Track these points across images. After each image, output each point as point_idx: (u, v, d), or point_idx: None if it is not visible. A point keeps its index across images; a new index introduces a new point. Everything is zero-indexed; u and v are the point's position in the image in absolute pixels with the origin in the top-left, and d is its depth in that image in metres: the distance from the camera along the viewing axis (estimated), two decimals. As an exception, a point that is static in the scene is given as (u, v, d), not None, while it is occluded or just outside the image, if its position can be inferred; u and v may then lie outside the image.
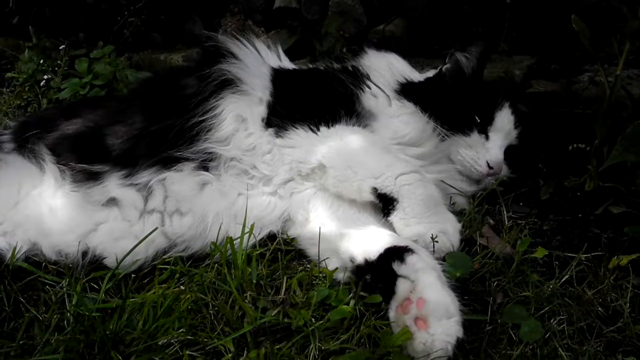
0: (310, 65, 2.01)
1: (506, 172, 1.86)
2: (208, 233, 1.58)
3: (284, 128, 1.64)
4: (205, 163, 1.63)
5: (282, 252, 1.57)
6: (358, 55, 1.89)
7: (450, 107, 1.77)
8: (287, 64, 1.94)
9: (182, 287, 1.44)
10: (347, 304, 1.37)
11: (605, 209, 1.70)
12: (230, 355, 1.27)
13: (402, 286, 1.29)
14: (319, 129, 1.62)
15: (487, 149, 1.77)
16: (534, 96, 1.94)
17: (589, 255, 1.55)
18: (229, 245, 1.48)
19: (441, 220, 1.51)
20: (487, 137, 1.80)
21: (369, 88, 1.77)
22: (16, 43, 2.94)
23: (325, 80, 1.77)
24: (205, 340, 1.31)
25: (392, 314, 1.28)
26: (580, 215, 1.72)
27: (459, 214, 1.65)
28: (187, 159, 1.62)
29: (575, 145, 1.71)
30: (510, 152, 1.86)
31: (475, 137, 1.77)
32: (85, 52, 2.70)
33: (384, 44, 2.06)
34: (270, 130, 1.65)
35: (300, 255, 1.58)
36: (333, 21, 2.29)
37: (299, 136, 1.62)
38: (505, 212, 1.65)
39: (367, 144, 1.60)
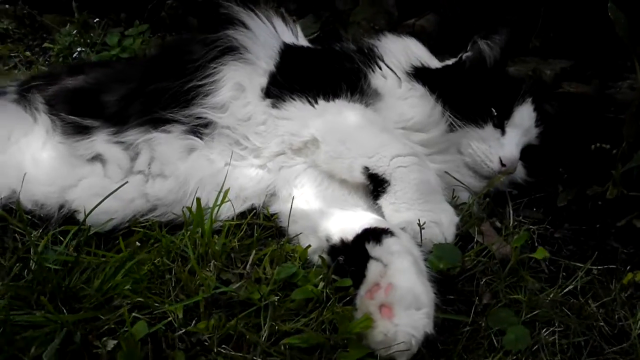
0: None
1: (522, 174, 1.64)
2: (188, 199, 1.44)
3: (282, 99, 1.49)
4: (197, 128, 1.51)
5: (260, 226, 1.41)
6: (375, 37, 1.72)
7: (464, 96, 1.58)
8: (303, 42, 1.79)
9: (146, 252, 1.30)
10: (317, 285, 1.20)
11: (628, 222, 1.46)
12: (177, 323, 1.12)
13: (373, 269, 1.12)
14: (317, 102, 1.46)
15: (502, 145, 1.57)
16: (563, 96, 1.71)
17: (601, 267, 1.32)
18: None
19: (436, 210, 1.32)
20: (503, 132, 1.59)
21: (380, 68, 1.60)
22: (63, 19, 2.93)
23: (333, 57, 1.63)
24: (156, 305, 1.16)
25: (358, 299, 1.10)
26: (598, 226, 1.48)
27: (462, 210, 1.44)
28: (177, 122, 1.50)
29: (598, 144, 1.48)
30: (528, 153, 1.64)
31: (489, 130, 1.57)
32: (123, 30, 2.66)
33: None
34: (268, 100, 1.51)
35: (281, 232, 1.42)
36: (362, 11, 2.14)
37: (296, 108, 1.47)
38: (511, 213, 1.43)
39: (365, 122, 1.43)
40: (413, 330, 1.00)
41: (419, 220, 1.25)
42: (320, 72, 1.54)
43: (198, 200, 1.30)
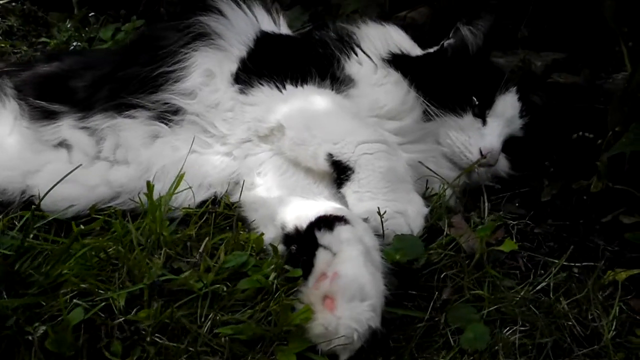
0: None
1: (505, 167, 1.53)
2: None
3: (250, 84, 1.42)
4: (164, 115, 1.44)
5: (220, 215, 1.33)
6: (355, 24, 1.63)
7: (443, 84, 1.48)
8: (285, 31, 1.72)
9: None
10: (268, 276, 1.11)
11: (614, 217, 1.34)
12: (117, 311, 1.04)
13: (321, 258, 1.03)
14: (284, 87, 1.39)
15: (482, 135, 1.46)
16: (552, 87, 1.60)
17: (580, 265, 1.20)
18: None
19: (402, 200, 1.23)
20: (484, 122, 1.49)
21: (356, 55, 1.51)
22: (66, 16, 2.91)
23: (307, 44, 1.55)
24: (100, 292, 1.09)
25: (303, 289, 1.00)
26: (581, 222, 1.36)
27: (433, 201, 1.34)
28: (143, 107, 1.44)
29: (580, 133, 1.36)
30: (513, 145, 1.53)
31: (469, 119, 1.47)
32: (120, 25, 2.62)
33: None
34: (237, 86, 1.44)
35: (243, 222, 1.33)
36: (353, 3, 2.06)
37: (263, 93, 1.40)
38: (487, 206, 1.33)
39: (334, 108, 1.35)
40: (355, 324, 0.91)
41: (378, 209, 1.15)
42: (291, 57, 1.46)
43: (149, 185, 1.22)
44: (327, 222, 1.09)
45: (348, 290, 0.93)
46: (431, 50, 1.61)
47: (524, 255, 1.28)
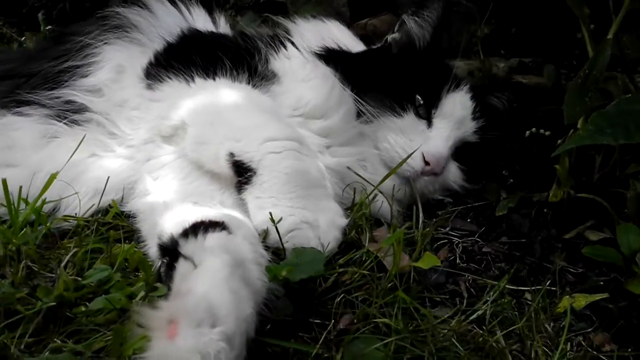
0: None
1: (458, 179, 1.28)
2: (37, 193, 1.14)
3: (159, 79, 1.20)
4: (64, 113, 1.23)
5: (110, 225, 1.10)
6: (293, 19, 1.42)
7: (382, 81, 1.26)
8: (224, 31, 1.51)
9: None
10: (135, 295, 0.87)
11: (578, 234, 1.07)
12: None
13: (180, 271, 0.79)
14: (194, 80, 1.16)
15: (427, 138, 1.22)
16: (513, 88, 1.35)
17: (532, 288, 0.94)
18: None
19: (312, 208, 0.99)
20: (429, 124, 1.24)
21: (285, 49, 1.29)
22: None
23: (233, 39, 1.33)
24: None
25: (148, 312, 0.75)
26: (540, 239, 1.09)
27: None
28: (40, 104, 1.23)
29: (534, 129, 1.11)
30: (466, 153, 1.28)
31: (410, 120, 1.23)
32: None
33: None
34: (146, 82, 1.22)
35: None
36: (310, 10, 1.85)
37: (171, 88, 1.18)
38: (421, 218, 1.07)
39: (244, 102, 1.12)
40: (198, 358, 0.65)
41: (271, 216, 0.91)
42: (207, 51, 1.23)
43: (4, 184, 1.00)
44: (201, 229, 0.85)
45: (195, 313, 0.68)
46: (374, 46, 1.38)
47: (468, 278, 1.02)
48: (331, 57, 1.28)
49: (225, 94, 1.13)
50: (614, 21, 1.05)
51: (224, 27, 1.50)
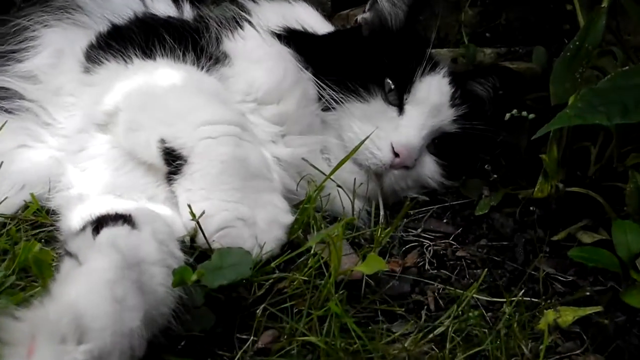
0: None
1: (435, 174, 1.11)
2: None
3: (97, 61, 1.06)
4: (-11, 101, 1.08)
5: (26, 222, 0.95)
6: (256, 0, 1.27)
7: (348, 63, 1.10)
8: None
9: None
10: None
11: (569, 235, 0.90)
12: None
13: (62, 272, 0.63)
14: (132, 62, 1.01)
15: (397, 127, 1.05)
16: (500, 72, 1.18)
17: (512, 299, 0.76)
18: None
19: (251, 203, 0.84)
20: (400, 111, 1.08)
21: (242, 29, 1.14)
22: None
23: (184, 20, 1.18)
24: None
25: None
26: (524, 241, 0.92)
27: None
28: None
29: (515, 112, 0.94)
30: (445, 145, 1.12)
31: (378, 106, 1.07)
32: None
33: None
34: (85, 65, 1.08)
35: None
36: (290, 0, 1.71)
37: (108, 70, 1.03)
38: (382, 214, 0.91)
39: (184, 83, 0.97)
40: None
41: (190, 209, 0.75)
42: (150, 30, 1.08)
43: None
44: (104, 223, 0.69)
45: (58, 325, 0.52)
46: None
47: (437, 287, 0.85)
48: (292, 38, 1.13)
49: (163, 74, 0.98)
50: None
51: (188, 13, 1.36)
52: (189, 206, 0.76)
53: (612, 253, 0.75)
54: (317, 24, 1.24)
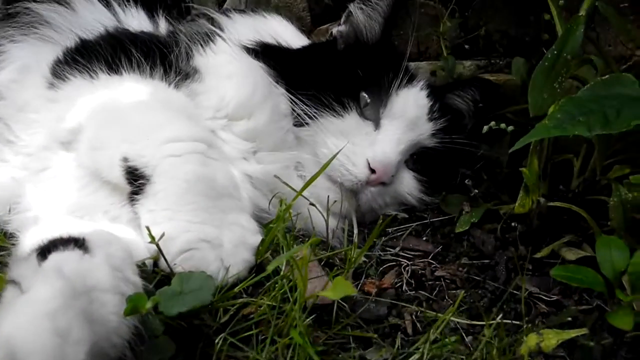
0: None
1: (414, 190, 1.07)
2: None
3: (62, 77, 1.01)
4: (-48, 120, 1.03)
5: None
6: (229, 14, 1.24)
7: (321, 77, 1.06)
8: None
9: None
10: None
11: (553, 252, 0.85)
12: None
13: (4, 301, 0.58)
14: (98, 77, 0.97)
15: (373, 142, 1.01)
16: (479, 85, 1.15)
17: (492, 322, 0.72)
18: None
19: (216, 223, 0.79)
20: (377, 125, 1.04)
21: (214, 44, 1.10)
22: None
23: (155, 35, 1.14)
24: None
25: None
26: (506, 259, 0.87)
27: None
28: None
29: (494, 124, 0.91)
30: (424, 160, 1.08)
31: (353, 121, 1.03)
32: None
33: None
34: (51, 81, 1.03)
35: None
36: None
37: (72, 86, 0.99)
38: (355, 233, 0.86)
39: (150, 98, 0.93)
40: None
41: (148, 230, 0.70)
42: (118, 45, 1.04)
43: None
44: (52, 247, 0.65)
45: (-11, 363, 0.47)
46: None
47: (414, 310, 0.80)
48: (265, 52, 1.09)
49: (128, 90, 0.94)
50: (586, -4, 0.86)
51: (164, 29, 1.33)
52: (148, 228, 0.71)
53: (596, 272, 0.71)
54: (292, 38, 1.21)
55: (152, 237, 0.70)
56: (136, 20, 1.27)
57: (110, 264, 0.64)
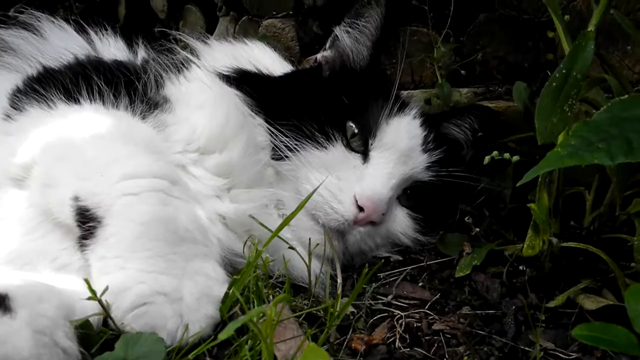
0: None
1: (409, 230, 0.96)
2: None
3: (19, 107, 0.92)
4: None
5: None
6: (205, 40, 1.15)
7: (304, 107, 0.96)
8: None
9: None
10: None
11: (568, 300, 0.73)
12: None
13: None
14: (56, 107, 0.87)
15: (361, 177, 0.91)
16: (478, 112, 1.05)
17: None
18: None
19: (176, 273, 0.67)
20: (365, 158, 0.94)
21: (188, 72, 1.01)
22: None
23: (122, 62, 1.05)
24: None
25: None
26: (514, 309, 0.75)
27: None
28: None
29: (496, 154, 0.80)
30: (417, 195, 0.97)
31: (338, 154, 0.93)
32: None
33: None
34: (7, 112, 0.94)
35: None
36: (256, 45, 1.60)
37: (28, 117, 0.90)
38: (339, 281, 0.75)
39: (110, 130, 0.83)
40: None
41: (87, 283, 0.59)
42: (80, 73, 0.95)
43: None
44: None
45: None
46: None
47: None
48: (242, 79, 1.00)
49: (86, 121, 0.84)
50: (596, 9, 0.77)
51: (141, 59, 1.24)
52: (87, 281, 0.60)
53: (627, 329, 0.59)
54: (274, 65, 1.11)
55: (93, 292, 0.59)
56: (112, 49, 1.19)
57: (34, 327, 0.52)
